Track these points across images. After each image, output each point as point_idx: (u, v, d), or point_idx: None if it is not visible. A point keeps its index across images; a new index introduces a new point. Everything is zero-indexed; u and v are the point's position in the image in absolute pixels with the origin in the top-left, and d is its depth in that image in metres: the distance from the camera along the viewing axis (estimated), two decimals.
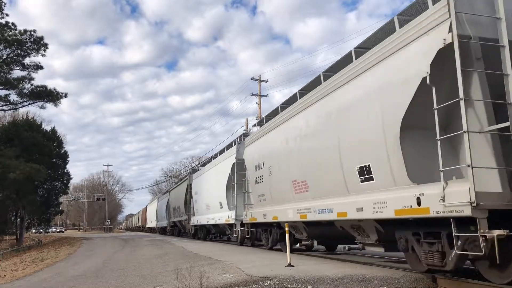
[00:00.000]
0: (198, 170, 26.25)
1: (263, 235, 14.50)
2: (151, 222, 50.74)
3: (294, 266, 8.29)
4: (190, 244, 18.13)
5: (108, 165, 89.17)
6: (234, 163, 16.61)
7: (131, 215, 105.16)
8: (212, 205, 20.21)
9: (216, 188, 19.31)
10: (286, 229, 9.45)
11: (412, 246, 6.76)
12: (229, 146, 19.23)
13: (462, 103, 5.18)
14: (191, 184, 26.30)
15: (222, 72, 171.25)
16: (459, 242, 5.40)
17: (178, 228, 33.86)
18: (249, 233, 15.21)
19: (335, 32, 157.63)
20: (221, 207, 18.51)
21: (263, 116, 13.66)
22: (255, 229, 15.05)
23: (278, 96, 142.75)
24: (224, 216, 18.01)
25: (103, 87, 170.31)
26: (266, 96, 42.28)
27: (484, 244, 4.89)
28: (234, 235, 17.23)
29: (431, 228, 6.21)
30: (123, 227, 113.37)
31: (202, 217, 22.60)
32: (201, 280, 6.54)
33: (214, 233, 23.39)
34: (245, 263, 9.31)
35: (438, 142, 5.58)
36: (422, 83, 5.77)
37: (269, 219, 12.42)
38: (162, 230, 42.54)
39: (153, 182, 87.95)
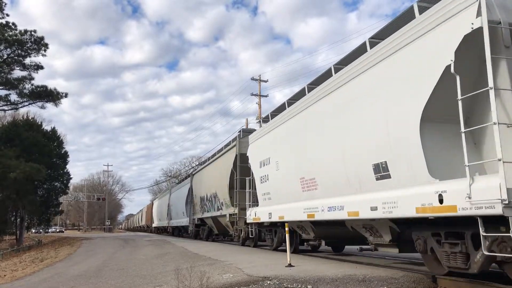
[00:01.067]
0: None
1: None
2: (160, 221, 41.60)
3: (294, 266, 8.31)
4: (190, 245, 17.89)
5: (108, 165, 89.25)
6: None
7: (131, 215, 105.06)
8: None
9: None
10: (286, 229, 9.52)
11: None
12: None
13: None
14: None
15: (223, 72, 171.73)
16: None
17: (207, 228, 23.91)
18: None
19: (336, 32, 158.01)
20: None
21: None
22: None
23: (279, 96, 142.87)
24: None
25: (103, 87, 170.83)
26: (266, 96, 42.18)
27: None
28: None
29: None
30: (123, 227, 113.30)
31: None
32: (201, 280, 6.50)
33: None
34: (245, 263, 9.36)
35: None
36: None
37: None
38: (178, 231, 34.20)
39: (153, 182, 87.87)
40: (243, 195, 15.30)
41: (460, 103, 5.29)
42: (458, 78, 5.29)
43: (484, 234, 4.96)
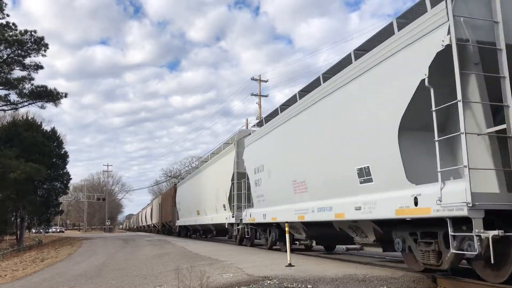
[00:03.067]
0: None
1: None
2: (187, 216, 26.82)
3: (294, 266, 8.30)
4: (190, 244, 18.16)
5: (108, 165, 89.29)
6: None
7: (131, 215, 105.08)
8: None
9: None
10: (286, 229, 9.44)
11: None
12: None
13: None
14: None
15: (224, 72, 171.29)
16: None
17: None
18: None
19: (338, 32, 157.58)
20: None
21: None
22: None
23: (280, 96, 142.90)
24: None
25: (105, 87, 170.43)
26: (266, 96, 42.45)
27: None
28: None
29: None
30: (124, 227, 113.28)
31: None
32: (201, 280, 6.55)
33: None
34: (245, 263, 9.32)
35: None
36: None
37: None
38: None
39: (153, 182, 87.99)
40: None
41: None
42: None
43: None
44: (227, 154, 18.06)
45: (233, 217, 16.51)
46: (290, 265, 8.40)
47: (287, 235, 9.40)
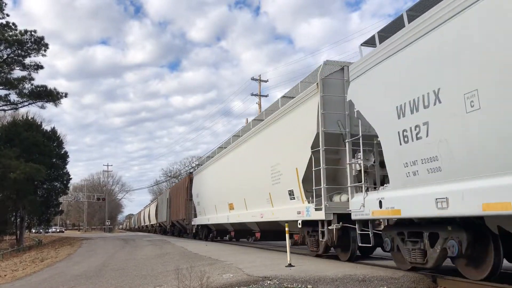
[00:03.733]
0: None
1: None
2: (210, 212, 20.38)
3: (294, 266, 8.32)
4: (189, 244, 18.13)
5: (108, 165, 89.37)
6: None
7: (131, 215, 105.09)
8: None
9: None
10: (286, 229, 9.44)
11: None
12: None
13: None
14: None
15: (224, 72, 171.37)
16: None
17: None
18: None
19: (338, 32, 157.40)
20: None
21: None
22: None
23: (280, 96, 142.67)
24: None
25: (105, 87, 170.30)
26: (266, 96, 42.34)
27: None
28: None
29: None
30: (124, 227, 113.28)
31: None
32: (201, 280, 6.55)
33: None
34: (245, 263, 9.33)
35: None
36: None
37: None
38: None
39: (153, 182, 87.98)
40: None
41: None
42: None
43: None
44: (302, 104, 10.72)
45: (318, 209, 9.59)
46: (290, 265, 8.41)
47: (287, 235, 9.35)
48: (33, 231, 58.10)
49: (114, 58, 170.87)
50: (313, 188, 9.80)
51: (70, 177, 40.00)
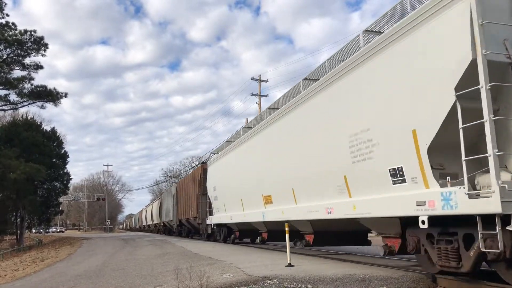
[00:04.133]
0: None
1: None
2: (234, 209, 16.20)
3: (294, 266, 8.31)
4: (190, 244, 18.12)
5: (108, 165, 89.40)
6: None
7: (131, 215, 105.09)
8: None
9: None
10: (287, 229, 9.41)
11: None
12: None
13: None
14: None
15: (225, 72, 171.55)
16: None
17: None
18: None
19: (339, 32, 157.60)
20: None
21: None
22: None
23: (280, 96, 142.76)
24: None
25: (105, 87, 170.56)
26: (266, 96, 42.33)
27: None
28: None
29: None
30: (124, 227, 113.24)
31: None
32: (201, 280, 6.54)
33: None
34: (245, 262, 9.31)
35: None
36: None
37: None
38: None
39: (153, 182, 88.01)
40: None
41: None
42: None
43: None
44: (434, 16, 5.95)
45: (480, 195, 5.21)
46: (290, 265, 8.40)
47: (287, 235, 9.31)
48: (33, 231, 58.11)
49: (114, 58, 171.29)
50: (463, 159, 5.37)
51: (70, 177, 40.09)
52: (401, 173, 6.62)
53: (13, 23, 26.78)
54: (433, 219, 5.96)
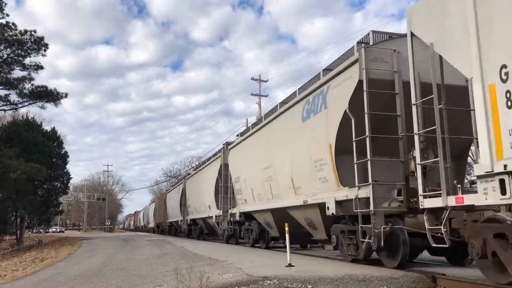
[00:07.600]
0: None
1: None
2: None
3: (294, 266, 8.30)
4: (190, 244, 18.14)
5: (108, 165, 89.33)
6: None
7: (131, 215, 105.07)
8: None
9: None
10: (286, 229, 9.38)
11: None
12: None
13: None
14: None
15: (227, 72, 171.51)
16: None
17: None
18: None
19: (342, 32, 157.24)
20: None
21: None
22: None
23: (282, 96, 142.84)
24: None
25: (107, 87, 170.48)
26: (266, 96, 42.43)
27: None
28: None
29: None
30: (124, 227, 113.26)
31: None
32: (201, 280, 6.54)
33: None
34: (245, 263, 9.31)
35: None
36: None
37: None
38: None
39: (153, 182, 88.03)
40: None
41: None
42: None
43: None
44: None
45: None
46: (290, 265, 8.39)
47: (287, 235, 9.29)
48: (34, 231, 58.13)
49: (117, 58, 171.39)
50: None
51: (71, 177, 40.05)
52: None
53: (13, 23, 26.80)
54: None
